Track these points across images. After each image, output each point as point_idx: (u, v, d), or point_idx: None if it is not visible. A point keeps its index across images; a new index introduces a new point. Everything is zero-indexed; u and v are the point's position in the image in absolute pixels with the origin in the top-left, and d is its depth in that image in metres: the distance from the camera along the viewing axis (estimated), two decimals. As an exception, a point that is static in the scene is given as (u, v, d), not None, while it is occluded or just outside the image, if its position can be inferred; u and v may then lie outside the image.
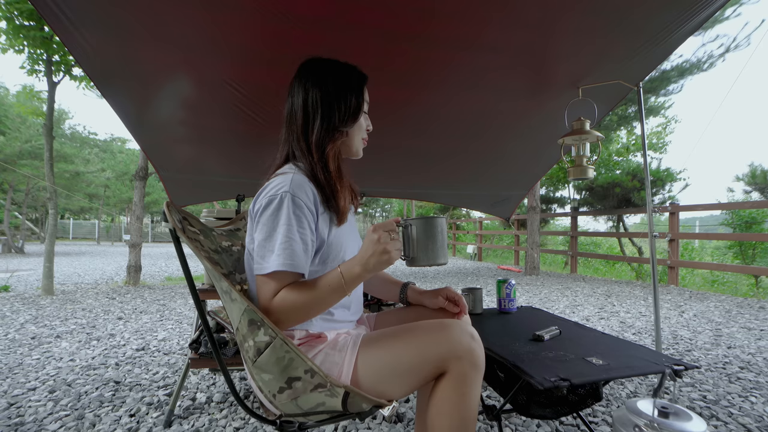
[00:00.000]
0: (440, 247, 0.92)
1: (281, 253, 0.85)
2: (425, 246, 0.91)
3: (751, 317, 3.55)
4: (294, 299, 0.85)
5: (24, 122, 11.82)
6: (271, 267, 0.85)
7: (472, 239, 12.03)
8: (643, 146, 2.18)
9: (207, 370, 2.15)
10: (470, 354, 0.85)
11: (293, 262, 0.85)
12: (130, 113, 2.31)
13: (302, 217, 0.88)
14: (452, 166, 3.24)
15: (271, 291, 0.85)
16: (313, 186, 0.92)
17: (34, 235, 18.01)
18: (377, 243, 0.81)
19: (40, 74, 4.88)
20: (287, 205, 0.86)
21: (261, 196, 0.90)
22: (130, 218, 7.24)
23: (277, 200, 0.87)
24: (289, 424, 0.94)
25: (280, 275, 0.85)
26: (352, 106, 0.99)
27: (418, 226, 0.91)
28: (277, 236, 0.86)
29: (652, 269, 2.11)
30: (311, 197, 0.90)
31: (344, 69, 1.01)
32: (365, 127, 1.04)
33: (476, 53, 1.79)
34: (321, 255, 0.95)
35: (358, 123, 1.01)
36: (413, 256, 0.91)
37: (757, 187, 6.89)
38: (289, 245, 0.85)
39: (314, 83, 0.98)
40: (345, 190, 0.98)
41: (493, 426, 1.54)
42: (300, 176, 0.91)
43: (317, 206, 0.92)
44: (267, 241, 0.86)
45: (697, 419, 0.96)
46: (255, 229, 0.90)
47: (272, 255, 0.85)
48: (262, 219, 0.88)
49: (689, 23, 1.68)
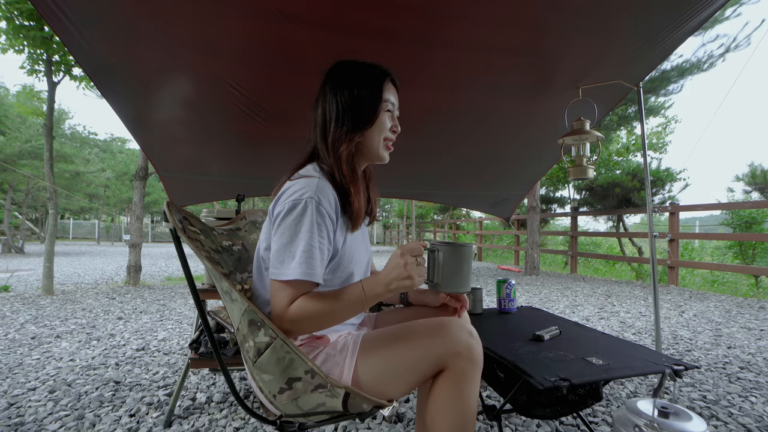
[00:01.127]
0: (465, 276, 0.91)
1: (303, 262, 0.83)
2: (450, 274, 0.90)
3: (751, 317, 3.55)
4: (312, 309, 0.83)
5: (24, 122, 11.81)
6: (290, 275, 0.83)
7: (472, 239, 12.03)
8: (643, 146, 2.18)
9: (207, 370, 2.15)
10: (468, 351, 0.85)
11: (313, 272, 0.84)
12: (130, 113, 2.31)
13: (323, 226, 0.86)
14: (452, 166, 3.23)
15: (287, 298, 0.83)
16: (334, 191, 0.91)
17: (34, 235, 18.00)
18: (403, 268, 0.81)
19: (40, 74, 4.88)
20: (311, 212, 0.85)
21: (283, 199, 0.88)
22: (130, 218, 7.24)
23: (302, 206, 0.85)
24: (289, 424, 0.94)
25: (298, 284, 0.84)
26: (367, 105, 0.95)
27: (446, 253, 0.90)
28: (299, 243, 0.84)
29: (652, 269, 2.11)
30: (333, 204, 0.89)
31: (361, 68, 0.99)
32: (387, 127, 0.99)
33: (476, 53, 1.79)
34: (332, 264, 0.94)
35: (376, 124, 0.97)
36: (437, 282, 0.90)
37: (757, 187, 6.89)
38: (311, 254, 0.84)
39: (333, 84, 0.97)
40: (360, 195, 0.95)
41: (493, 426, 1.54)
42: (324, 181, 0.90)
43: (338, 214, 0.91)
44: (288, 246, 0.84)
45: (697, 419, 0.96)
46: (275, 232, 0.87)
47: (293, 262, 0.83)
48: (284, 223, 0.86)
49: (689, 23, 1.68)
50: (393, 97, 1.00)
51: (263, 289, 0.98)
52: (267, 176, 2.93)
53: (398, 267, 0.81)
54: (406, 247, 0.82)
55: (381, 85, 0.97)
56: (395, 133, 1.01)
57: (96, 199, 19.13)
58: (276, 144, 2.61)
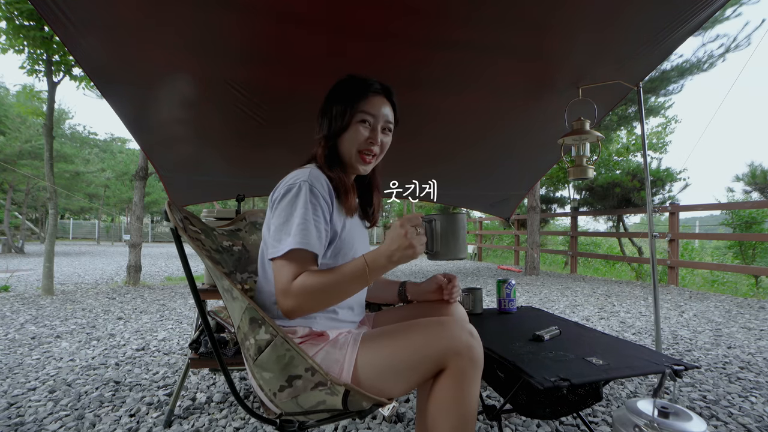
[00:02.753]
0: (462, 242, 0.97)
1: (298, 234, 0.86)
2: (447, 241, 0.94)
3: (751, 317, 3.55)
4: (315, 282, 0.84)
5: (24, 122, 11.81)
6: (286, 247, 0.85)
7: (472, 239, 12.03)
8: (643, 146, 2.18)
9: (207, 370, 2.14)
10: (469, 350, 0.85)
11: (308, 242, 0.86)
12: (130, 113, 2.31)
13: (318, 206, 0.91)
14: (452, 166, 3.24)
15: (290, 273, 0.85)
16: (327, 180, 0.96)
17: (34, 235, 18.00)
18: (404, 237, 0.81)
19: (40, 74, 4.88)
20: (305, 193, 0.90)
21: (280, 186, 0.94)
22: (130, 218, 7.24)
23: (296, 189, 0.90)
24: (289, 423, 0.95)
25: (296, 254, 0.86)
26: (339, 115, 0.99)
27: (442, 221, 0.94)
28: (294, 220, 0.88)
29: (652, 269, 2.11)
30: (326, 188, 0.94)
31: (347, 81, 1.03)
32: (363, 139, 0.99)
33: (475, 53, 1.79)
34: (334, 248, 0.97)
35: (347, 134, 0.99)
36: (437, 251, 0.94)
37: (757, 187, 6.89)
38: (305, 227, 0.87)
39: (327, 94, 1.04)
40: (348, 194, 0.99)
41: (493, 426, 1.54)
42: (317, 171, 0.96)
43: (332, 197, 0.95)
44: (284, 225, 0.88)
45: (697, 419, 0.96)
46: (272, 216, 0.92)
47: (288, 237, 0.86)
48: (280, 206, 0.91)
49: (689, 23, 1.68)
50: (377, 110, 0.99)
51: (266, 282, 0.99)
52: (267, 176, 2.93)
53: (399, 237, 0.82)
54: (405, 218, 0.83)
55: (358, 97, 0.99)
56: (374, 145, 1.00)
57: (96, 199, 19.13)
58: (276, 144, 2.61)
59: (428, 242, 0.92)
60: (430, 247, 0.94)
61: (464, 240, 0.98)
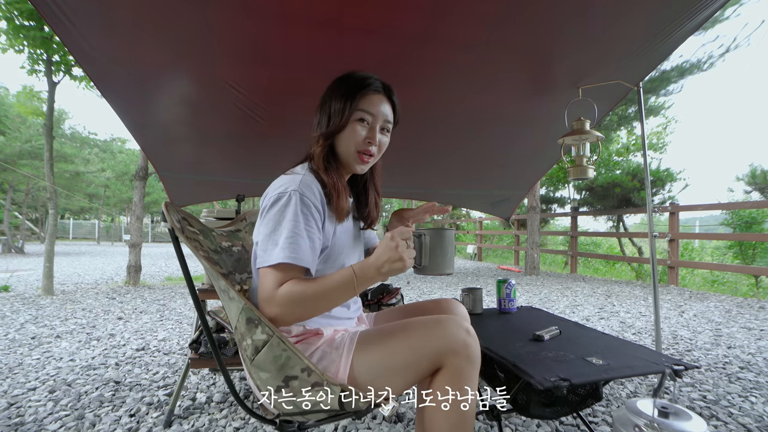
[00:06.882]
0: (449, 258, 0.98)
1: (286, 247, 0.84)
2: (435, 256, 0.96)
3: (751, 317, 3.55)
4: (300, 291, 0.83)
5: (24, 122, 11.81)
6: (274, 260, 0.84)
7: (472, 239, 12.03)
8: (643, 146, 2.18)
9: (207, 370, 2.14)
10: (465, 348, 0.85)
11: (297, 256, 0.84)
12: (130, 113, 2.31)
13: (309, 216, 0.88)
14: (452, 166, 3.24)
15: (274, 282, 0.84)
16: (319, 185, 0.94)
17: (34, 235, 17.99)
18: (395, 250, 0.81)
19: (40, 74, 4.88)
20: (295, 203, 0.87)
21: (269, 193, 0.91)
22: (130, 218, 7.23)
23: (286, 197, 0.88)
24: (288, 423, 0.94)
25: (284, 267, 0.84)
26: (337, 113, 0.96)
27: (432, 237, 0.95)
28: (282, 231, 0.85)
29: (652, 269, 2.11)
30: (318, 196, 0.92)
31: (347, 78, 0.99)
32: (360, 138, 0.97)
33: (475, 53, 1.79)
34: (324, 255, 0.96)
35: (344, 132, 0.97)
36: (424, 265, 0.96)
37: (757, 187, 6.89)
38: (295, 240, 0.85)
39: (324, 91, 1.02)
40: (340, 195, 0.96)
41: (493, 426, 1.54)
42: (309, 176, 0.93)
43: (324, 206, 0.93)
44: (271, 235, 0.86)
45: (697, 419, 0.96)
46: (261, 224, 0.90)
47: (276, 248, 0.84)
48: (268, 215, 0.88)
49: (689, 23, 1.68)
50: (376, 109, 0.97)
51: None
52: (267, 176, 2.90)
53: (390, 249, 0.81)
54: (396, 231, 0.83)
55: (355, 94, 0.95)
56: (371, 145, 0.98)
57: (96, 199, 19.12)
58: (276, 144, 2.61)
59: (417, 256, 0.93)
60: (418, 261, 0.95)
61: (452, 256, 0.99)
